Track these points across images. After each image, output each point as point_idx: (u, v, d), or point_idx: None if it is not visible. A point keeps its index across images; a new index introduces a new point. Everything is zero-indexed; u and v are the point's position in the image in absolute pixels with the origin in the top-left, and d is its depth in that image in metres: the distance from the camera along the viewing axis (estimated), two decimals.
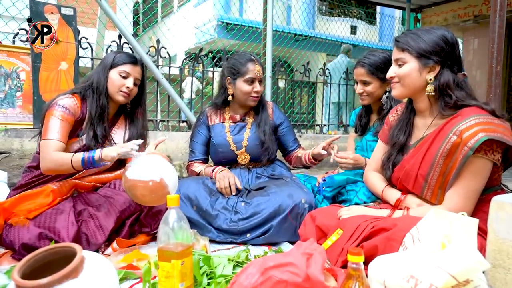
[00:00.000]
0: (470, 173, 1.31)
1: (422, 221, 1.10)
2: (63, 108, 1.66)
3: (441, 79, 1.38)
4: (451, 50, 1.39)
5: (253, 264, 1.10)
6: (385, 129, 1.70)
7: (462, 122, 1.30)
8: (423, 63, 1.39)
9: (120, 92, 1.77)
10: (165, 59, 3.69)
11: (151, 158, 1.56)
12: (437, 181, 1.38)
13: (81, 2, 3.79)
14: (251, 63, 2.05)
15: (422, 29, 1.44)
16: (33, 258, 0.99)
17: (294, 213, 1.78)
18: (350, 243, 1.31)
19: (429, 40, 1.39)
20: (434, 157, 1.37)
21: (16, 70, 2.86)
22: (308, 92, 6.19)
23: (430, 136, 1.42)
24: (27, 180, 1.73)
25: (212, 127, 2.18)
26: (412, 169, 1.45)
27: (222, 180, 1.92)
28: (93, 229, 1.60)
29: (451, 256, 0.93)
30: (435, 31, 1.41)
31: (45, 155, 1.61)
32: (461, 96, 1.37)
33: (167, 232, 1.12)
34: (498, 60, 2.51)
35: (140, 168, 1.51)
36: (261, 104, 2.19)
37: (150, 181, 1.48)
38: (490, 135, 1.24)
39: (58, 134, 1.63)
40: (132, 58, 1.81)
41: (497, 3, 2.49)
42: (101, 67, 1.78)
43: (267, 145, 2.10)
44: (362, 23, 11.93)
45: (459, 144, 1.29)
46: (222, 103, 2.17)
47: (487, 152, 1.29)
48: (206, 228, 1.82)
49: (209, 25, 9.81)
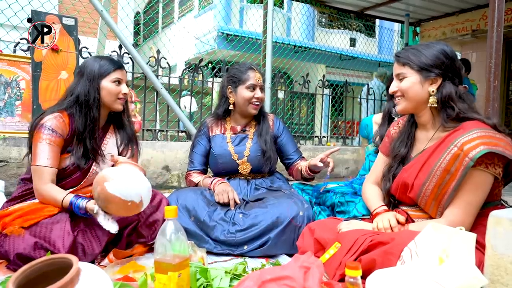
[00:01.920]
0: (471, 186, 1.31)
1: (420, 235, 1.10)
2: (49, 131, 1.62)
3: (443, 91, 1.39)
4: (451, 64, 1.41)
5: (250, 277, 1.09)
6: (386, 141, 1.70)
7: (464, 135, 1.31)
8: (424, 76, 1.41)
9: (118, 100, 1.76)
10: (165, 69, 3.71)
11: (136, 175, 1.53)
12: (432, 192, 1.38)
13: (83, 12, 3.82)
14: (251, 71, 2.09)
15: (422, 45, 1.47)
16: (29, 269, 0.98)
17: (292, 225, 1.77)
18: (348, 256, 1.30)
19: (429, 54, 1.41)
20: (433, 168, 1.37)
21: (16, 79, 2.87)
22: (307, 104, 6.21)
23: (431, 148, 1.43)
24: (21, 192, 1.71)
25: (212, 137, 2.18)
26: (409, 178, 1.45)
27: (221, 194, 1.92)
28: (89, 239, 1.59)
29: (449, 272, 0.92)
30: (434, 46, 1.44)
31: (38, 186, 1.61)
32: (463, 108, 1.38)
33: (164, 244, 1.11)
34: (496, 75, 2.53)
35: (124, 184, 1.47)
36: (262, 114, 2.20)
37: (130, 202, 1.46)
38: (492, 149, 1.24)
39: (48, 160, 1.61)
40: (118, 63, 1.79)
41: (495, 19, 2.52)
42: (86, 79, 1.72)
43: (268, 154, 2.10)
44: (361, 35, 12.04)
45: (459, 155, 1.29)
46: (223, 113, 2.18)
47: (488, 166, 1.29)
48: (204, 239, 1.81)
49: (209, 36, 9.89)
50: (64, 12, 3.90)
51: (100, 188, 1.47)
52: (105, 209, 1.50)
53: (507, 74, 6.39)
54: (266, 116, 2.24)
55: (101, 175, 1.51)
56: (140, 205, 1.51)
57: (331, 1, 5.30)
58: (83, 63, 1.80)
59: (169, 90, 3.67)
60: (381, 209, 1.55)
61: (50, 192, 1.60)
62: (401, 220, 1.45)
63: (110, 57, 1.82)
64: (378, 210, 1.55)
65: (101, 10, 3.29)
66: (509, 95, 6.53)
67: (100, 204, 1.50)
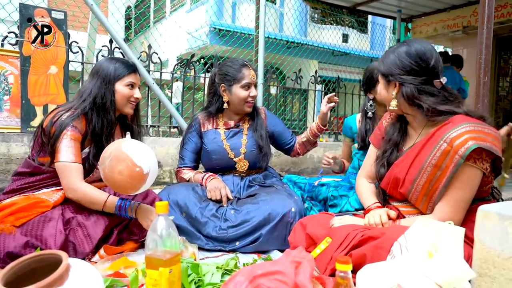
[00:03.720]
0: (460, 182, 1.32)
1: (409, 230, 1.11)
2: (73, 128, 1.64)
3: (404, 93, 1.45)
4: (415, 64, 1.43)
5: (242, 272, 1.09)
6: (378, 134, 1.72)
7: (453, 130, 1.32)
8: (386, 81, 1.52)
9: (129, 103, 1.79)
10: (157, 64, 3.68)
11: (150, 149, 1.52)
12: (423, 188, 1.39)
13: (72, 6, 3.78)
14: (245, 69, 2.06)
15: (390, 48, 1.56)
16: (17, 265, 0.97)
17: (284, 221, 1.77)
18: (340, 251, 1.31)
19: (388, 61, 1.49)
20: (423, 164, 1.39)
21: (4, 73, 2.82)
22: (299, 99, 6.22)
23: (421, 142, 1.44)
24: (19, 185, 1.68)
25: (204, 133, 2.16)
26: (400, 173, 1.47)
27: (213, 191, 1.91)
28: (80, 238, 1.58)
29: (437, 266, 0.93)
30: (396, 49, 1.49)
31: (72, 185, 1.60)
32: (431, 103, 1.41)
33: (155, 240, 1.11)
34: (486, 71, 2.55)
35: (139, 149, 1.46)
36: (255, 109, 2.20)
37: (139, 168, 1.44)
38: (480, 144, 1.26)
39: (74, 157, 1.62)
40: (132, 66, 1.80)
41: (485, 15, 2.54)
42: (101, 81, 1.72)
43: (265, 150, 2.11)
44: (353, 31, 12.07)
45: (449, 152, 1.30)
46: (216, 111, 2.16)
47: (476, 161, 1.30)
48: (195, 236, 1.80)
49: (201, 31, 9.83)
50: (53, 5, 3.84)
51: (115, 147, 1.45)
52: (109, 171, 1.44)
53: (497, 71, 6.45)
54: (259, 110, 2.24)
55: (119, 140, 1.53)
56: (145, 178, 1.47)
57: None
58: (97, 64, 1.79)
59: (161, 85, 3.64)
60: (374, 205, 1.57)
61: (90, 191, 1.62)
62: (392, 216, 1.46)
63: (125, 60, 1.83)
64: (371, 207, 1.58)
65: (91, 4, 3.24)
66: (499, 92, 6.60)
67: (107, 164, 1.44)
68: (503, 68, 6.52)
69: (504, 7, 5.26)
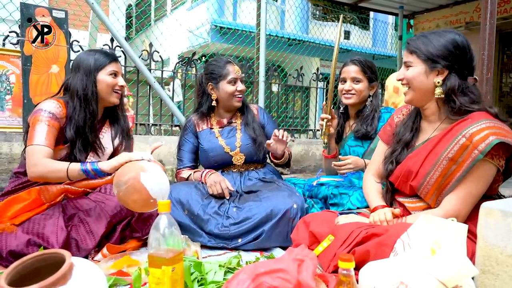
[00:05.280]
0: (474, 177, 1.30)
1: (412, 227, 1.11)
2: (49, 114, 1.60)
3: (447, 83, 1.38)
4: (460, 54, 1.38)
5: (244, 270, 1.09)
6: (388, 130, 1.69)
7: (473, 126, 1.30)
8: (430, 66, 1.40)
9: (114, 92, 1.76)
10: (158, 62, 3.68)
11: (166, 177, 1.52)
12: (436, 181, 1.37)
13: (73, 5, 3.77)
14: (230, 65, 2.12)
15: (434, 32, 1.44)
16: (21, 264, 0.98)
17: (286, 218, 1.78)
18: (343, 248, 1.31)
19: (438, 44, 1.39)
20: (439, 157, 1.36)
21: (6, 73, 2.83)
22: (301, 97, 6.21)
23: (437, 136, 1.41)
24: (14, 186, 1.69)
25: (200, 133, 2.20)
26: (414, 165, 1.44)
27: (214, 186, 1.93)
28: (83, 234, 1.58)
29: (440, 263, 0.93)
30: (445, 35, 1.41)
31: (36, 161, 1.54)
32: (464, 102, 1.37)
33: (158, 238, 1.11)
34: (489, 67, 2.54)
35: (158, 181, 1.46)
36: (245, 105, 2.24)
37: (153, 199, 1.44)
38: (501, 139, 1.24)
39: (45, 140, 1.57)
40: (112, 55, 1.78)
41: (488, 11, 2.53)
42: (83, 73, 1.70)
43: (259, 140, 2.13)
44: (355, 28, 12.01)
45: (468, 146, 1.28)
46: (207, 110, 2.20)
47: (494, 157, 1.28)
48: (198, 233, 1.81)
49: (202, 29, 9.81)
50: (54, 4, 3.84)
51: (133, 175, 1.43)
52: (124, 195, 1.45)
53: (500, 67, 6.41)
54: (249, 106, 2.28)
55: (137, 163, 1.49)
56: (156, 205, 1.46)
57: None
58: (76, 58, 1.77)
59: (162, 84, 3.64)
60: (380, 206, 1.56)
61: (50, 162, 1.55)
62: (396, 213, 1.46)
63: (103, 50, 1.81)
64: (377, 207, 1.56)
65: (92, 2, 3.24)
66: (502, 88, 6.57)
67: (123, 189, 1.44)
68: (506, 64, 6.48)
69: (507, 2, 5.23)
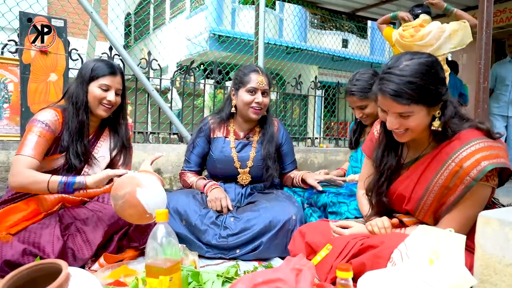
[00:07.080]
0: (470, 201, 1.27)
1: (410, 237, 1.11)
2: (42, 124, 1.60)
3: (447, 112, 1.29)
4: (435, 73, 1.26)
5: (242, 280, 1.09)
6: (370, 144, 1.61)
7: (462, 148, 1.25)
8: (428, 106, 1.28)
9: (101, 106, 1.71)
10: (156, 71, 3.69)
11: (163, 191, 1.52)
12: (431, 206, 1.34)
13: (72, 13, 3.79)
14: (254, 73, 2.05)
15: (406, 68, 1.25)
16: (17, 275, 0.97)
17: (285, 229, 1.77)
18: (339, 260, 1.30)
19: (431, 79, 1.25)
20: (430, 183, 1.32)
21: (4, 81, 2.83)
22: (299, 105, 6.22)
23: (427, 158, 1.36)
24: (11, 195, 1.68)
25: (213, 140, 2.14)
26: (406, 190, 1.40)
27: (214, 202, 1.91)
28: (79, 243, 1.57)
29: (438, 273, 0.93)
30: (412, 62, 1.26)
31: (18, 170, 1.53)
32: (456, 127, 1.31)
33: (155, 248, 1.10)
34: (486, 76, 2.55)
35: (154, 197, 1.46)
36: (266, 121, 2.14)
37: (149, 214, 1.44)
38: (494, 163, 1.20)
39: (32, 151, 1.56)
40: (111, 68, 1.73)
41: (484, 21, 2.55)
42: (79, 81, 1.70)
43: (270, 171, 2.08)
44: (353, 36, 12.10)
45: (457, 172, 1.25)
46: (227, 117, 2.14)
47: (489, 179, 1.25)
48: (195, 244, 1.79)
49: (201, 37, 9.86)
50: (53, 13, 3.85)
51: (129, 190, 1.43)
52: (120, 209, 1.46)
53: None
54: (271, 123, 2.17)
55: (134, 177, 1.48)
56: (152, 219, 1.48)
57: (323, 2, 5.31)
58: (82, 64, 1.78)
59: (161, 92, 3.64)
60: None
61: (32, 173, 1.54)
62: (393, 221, 1.43)
63: (109, 62, 1.77)
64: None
65: (91, 11, 3.25)
66: None
67: (119, 203, 1.44)
68: None
69: (503, 12, 5.28)
